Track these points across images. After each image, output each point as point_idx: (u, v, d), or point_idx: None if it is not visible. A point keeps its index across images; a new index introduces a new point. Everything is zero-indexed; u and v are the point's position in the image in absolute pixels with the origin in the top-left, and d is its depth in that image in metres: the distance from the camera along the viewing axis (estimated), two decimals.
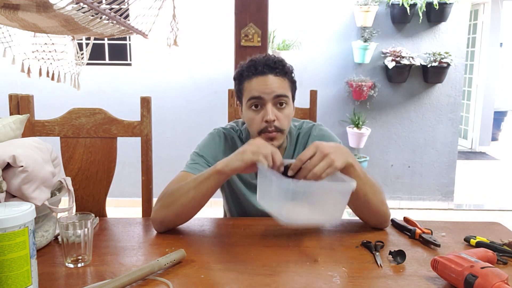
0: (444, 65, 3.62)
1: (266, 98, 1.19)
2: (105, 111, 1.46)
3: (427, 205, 3.99)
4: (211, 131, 1.37)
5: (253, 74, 1.21)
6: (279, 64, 1.22)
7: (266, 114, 1.19)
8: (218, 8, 3.61)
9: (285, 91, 1.22)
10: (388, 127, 3.90)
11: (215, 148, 1.30)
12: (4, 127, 1.10)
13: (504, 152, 6.24)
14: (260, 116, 1.20)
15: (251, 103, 1.21)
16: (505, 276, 0.82)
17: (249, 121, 1.23)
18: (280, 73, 1.21)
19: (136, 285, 0.88)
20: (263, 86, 1.19)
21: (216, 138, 1.33)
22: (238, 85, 1.27)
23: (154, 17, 2.09)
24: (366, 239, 1.09)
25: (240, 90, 1.26)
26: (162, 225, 1.16)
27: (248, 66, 1.23)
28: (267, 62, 1.21)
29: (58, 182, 1.14)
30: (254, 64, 1.22)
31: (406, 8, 3.51)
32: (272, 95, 1.19)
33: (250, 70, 1.22)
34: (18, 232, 0.79)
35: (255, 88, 1.20)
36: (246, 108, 1.24)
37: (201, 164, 1.26)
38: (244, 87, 1.23)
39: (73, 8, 1.39)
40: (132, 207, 3.68)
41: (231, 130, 1.35)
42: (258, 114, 1.21)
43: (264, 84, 1.19)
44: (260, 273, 0.94)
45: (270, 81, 1.20)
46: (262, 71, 1.20)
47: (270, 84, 1.19)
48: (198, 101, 3.81)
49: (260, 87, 1.20)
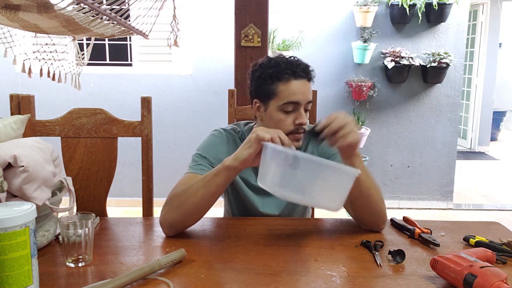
0: (444, 66, 3.63)
1: (301, 103, 1.21)
2: (105, 111, 1.47)
3: (426, 205, 3.99)
4: (212, 131, 1.36)
5: (291, 76, 1.20)
6: (312, 70, 1.25)
7: (300, 118, 1.21)
8: (218, 8, 3.61)
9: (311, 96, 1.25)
10: (388, 127, 3.90)
11: (217, 149, 1.29)
12: (5, 127, 1.10)
13: (503, 152, 6.24)
14: (291, 119, 1.21)
15: (286, 106, 1.20)
16: (504, 275, 0.82)
17: (279, 122, 1.22)
18: (311, 79, 1.24)
19: (137, 284, 0.89)
20: (302, 91, 1.20)
21: (218, 139, 1.32)
22: (268, 85, 1.22)
23: (154, 18, 2.09)
24: (366, 239, 1.10)
25: (271, 91, 1.21)
26: (172, 228, 1.15)
27: (287, 67, 1.21)
28: (304, 67, 1.22)
29: (59, 182, 1.14)
30: (293, 66, 1.21)
31: (405, 8, 3.51)
32: (306, 100, 1.22)
33: (288, 73, 1.20)
34: (19, 232, 0.79)
35: (295, 93, 1.20)
36: (275, 109, 1.22)
37: (204, 165, 1.25)
38: (279, 89, 1.20)
39: (74, 9, 1.39)
40: (132, 206, 3.68)
41: (232, 132, 1.34)
42: (289, 117, 1.21)
43: (303, 89, 1.21)
44: (260, 273, 0.94)
45: (307, 86, 1.22)
46: (300, 75, 1.21)
47: (307, 90, 1.22)
48: (198, 101, 3.81)
49: (298, 92, 1.20)
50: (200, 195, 1.10)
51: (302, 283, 0.90)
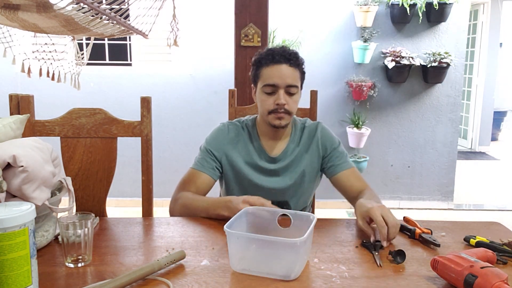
0: (444, 65, 3.62)
1: (279, 86, 1.34)
2: (105, 111, 1.47)
3: (426, 205, 3.99)
4: (218, 125, 1.50)
5: (270, 62, 1.35)
6: (294, 56, 1.36)
7: (278, 98, 1.34)
8: (218, 8, 3.61)
9: (295, 81, 1.36)
10: (388, 127, 3.90)
11: (222, 140, 1.44)
12: (4, 127, 1.10)
13: (504, 152, 6.24)
14: (272, 99, 1.35)
15: (265, 88, 1.36)
16: (504, 276, 0.82)
17: (262, 102, 1.38)
18: (294, 64, 1.36)
19: (136, 285, 0.88)
20: (278, 75, 1.34)
21: (221, 131, 1.46)
22: (255, 70, 1.40)
23: (154, 17, 2.09)
24: (366, 239, 1.09)
25: (256, 75, 1.39)
26: None
27: (267, 54, 1.37)
28: (283, 53, 1.35)
29: (58, 182, 1.14)
30: (272, 53, 1.36)
31: (406, 8, 3.51)
32: (285, 84, 1.34)
33: (268, 58, 1.36)
34: (18, 232, 0.79)
35: (271, 76, 1.35)
36: (260, 91, 1.39)
37: (207, 160, 1.41)
38: (261, 73, 1.37)
39: (73, 8, 1.39)
40: (132, 207, 3.68)
41: (236, 123, 1.49)
42: (270, 97, 1.36)
43: (278, 73, 1.34)
44: None
45: (284, 71, 1.34)
46: (279, 60, 1.34)
47: (284, 74, 1.34)
48: (198, 101, 3.81)
49: (275, 75, 1.34)
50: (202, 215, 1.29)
51: (302, 283, 0.90)
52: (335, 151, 1.44)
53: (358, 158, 3.70)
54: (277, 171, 1.44)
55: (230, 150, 1.44)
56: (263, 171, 1.44)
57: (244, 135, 1.46)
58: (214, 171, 1.41)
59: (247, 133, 1.46)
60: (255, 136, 1.46)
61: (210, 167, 1.41)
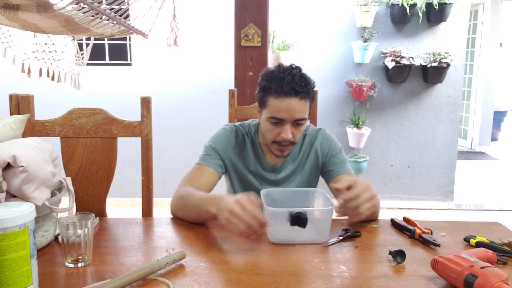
0: (444, 65, 3.62)
1: (286, 120, 1.27)
2: (105, 111, 1.46)
3: (427, 205, 3.99)
4: (223, 125, 1.46)
5: (279, 94, 1.25)
6: (304, 89, 1.25)
7: (283, 133, 1.27)
8: (218, 8, 3.61)
9: (304, 114, 1.28)
10: (388, 127, 3.90)
11: (227, 143, 1.41)
12: (4, 127, 1.10)
13: (504, 152, 6.24)
14: (277, 131, 1.29)
15: (272, 119, 1.28)
16: (504, 276, 0.82)
17: (266, 130, 1.32)
18: (304, 97, 1.26)
19: (136, 285, 0.88)
20: (285, 108, 1.25)
21: (228, 133, 1.42)
22: (262, 96, 1.31)
23: (154, 17, 2.09)
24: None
25: (263, 101, 1.31)
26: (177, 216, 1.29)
27: (276, 83, 1.25)
28: (293, 84, 1.24)
29: (58, 182, 1.14)
30: (281, 83, 1.24)
31: (406, 8, 3.51)
32: (293, 119, 1.27)
33: (277, 90, 1.25)
34: (19, 232, 0.79)
35: (278, 110, 1.26)
36: (265, 119, 1.31)
37: (212, 156, 1.38)
38: (268, 102, 1.28)
39: (73, 8, 1.39)
40: (132, 207, 3.68)
41: (240, 127, 1.45)
42: (276, 128, 1.29)
43: (287, 107, 1.25)
44: (260, 273, 0.94)
45: (293, 105, 1.25)
46: (288, 93, 1.24)
47: (292, 109, 1.25)
48: (198, 101, 3.81)
49: (283, 109, 1.25)
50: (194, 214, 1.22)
51: (302, 283, 0.90)
52: (334, 157, 1.41)
53: (358, 158, 3.70)
54: (278, 181, 1.42)
55: (236, 156, 1.41)
56: (266, 180, 1.42)
57: (248, 143, 1.43)
58: (219, 168, 1.38)
59: (250, 140, 1.43)
60: (256, 145, 1.43)
61: (216, 163, 1.37)
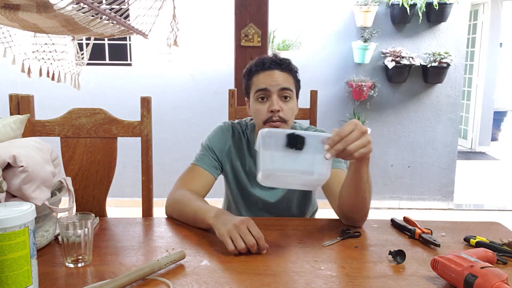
0: (444, 65, 3.62)
1: (272, 90, 1.29)
2: (105, 111, 1.46)
3: (427, 205, 3.99)
4: (220, 123, 1.46)
5: (261, 69, 1.32)
6: (285, 61, 1.33)
7: (271, 104, 1.28)
8: (218, 8, 3.61)
9: (289, 85, 1.32)
10: (388, 127, 3.90)
11: (223, 141, 1.41)
12: (4, 127, 1.10)
13: (504, 152, 6.24)
14: (266, 107, 1.30)
15: (258, 95, 1.31)
16: (504, 276, 0.82)
17: (256, 112, 1.33)
18: (286, 69, 1.32)
19: (136, 285, 0.88)
20: (269, 79, 1.30)
21: (225, 131, 1.43)
22: (247, 81, 1.37)
23: (154, 17, 2.09)
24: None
25: (248, 85, 1.36)
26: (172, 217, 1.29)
27: (256, 62, 1.34)
28: (274, 59, 1.33)
29: (59, 182, 1.14)
30: (262, 60, 1.33)
31: (406, 8, 3.51)
32: (278, 87, 1.29)
33: (258, 66, 1.33)
34: (19, 232, 0.79)
35: (262, 81, 1.31)
36: (253, 100, 1.34)
37: (208, 156, 1.39)
38: (252, 82, 1.34)
39: (73, 8, 1.39)
40: (132, 207, 3.68)
41: (237, 125, 1.45)
42: (264, 105, 1.30)
43: (270, 77, 1.30)
44: (260, 273, 0.94)
45: (276, 75, 1.31)
46: (269, 67, 1.31)
47: (276, 78, 1.30)
48: (198, 101, 3.81)
49: (266, 80, 1.30)
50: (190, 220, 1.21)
51: (302, 283, 0.90)
52: None
53: None
54: None
55: (232, 154, 1.41)
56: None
57: (243, 142, 1.42)
58: (214, 170, 1.38)
59: (245, 140, 1.42)
60: (251, 144, 1.42)
61: (211, 165, 1.37)
